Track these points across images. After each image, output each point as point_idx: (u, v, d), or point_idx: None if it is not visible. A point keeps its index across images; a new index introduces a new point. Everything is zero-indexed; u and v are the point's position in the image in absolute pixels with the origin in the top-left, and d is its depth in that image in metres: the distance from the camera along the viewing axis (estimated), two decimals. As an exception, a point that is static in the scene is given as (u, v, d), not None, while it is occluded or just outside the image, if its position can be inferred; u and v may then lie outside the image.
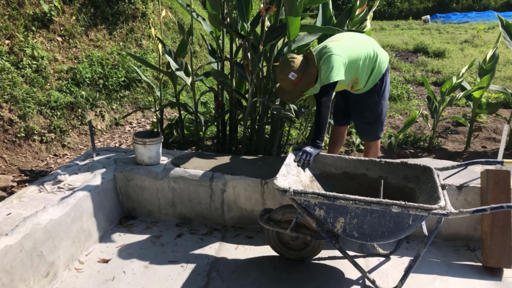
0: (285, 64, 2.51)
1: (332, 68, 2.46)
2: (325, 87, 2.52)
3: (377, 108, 2.83)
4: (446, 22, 15.76)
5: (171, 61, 3.20)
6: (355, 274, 2.35)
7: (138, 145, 2.87)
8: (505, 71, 7.49)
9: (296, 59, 2.50)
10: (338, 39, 2.66)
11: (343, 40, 2.62)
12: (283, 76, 2.51)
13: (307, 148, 2.46)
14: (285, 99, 2.66)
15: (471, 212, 1.94)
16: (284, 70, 2.50)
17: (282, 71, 2.51)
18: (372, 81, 2.71)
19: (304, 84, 2.52)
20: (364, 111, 2.85)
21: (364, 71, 2.64)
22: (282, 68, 2.51)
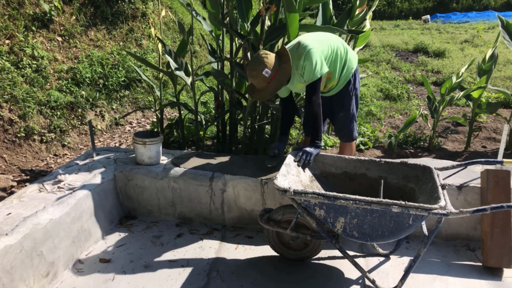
0: (258, 60, 2.41)
1: (316, 63, 2.44)
2: (313, 84, 2.49)
3: (351, 107, 2.82)
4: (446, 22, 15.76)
5: (171, 61, 3.20)
6: (355, 274, 2.35)
7: (138, 145, 2.87)
8: (505, 71, 7.49)
9: (269, 56, 2.42)
10: (309, 35, 2.63)
11: (315, 35, 2.61)
12: (256, 73, 2.40)
13: (307, 148, 2.45)
14: (257, 98, 2.55)
15: (471, 212, 1.94)
16: (257, 66, 2.39)
17: (255, 68, 2.40)
18: (344, 77, 2.70)
19: (278, 81, 2.44)
20: (340, 112, 2.82)
21: (337, 65, 2.63)
22: (254, 64, 2.41)
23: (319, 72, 2.45)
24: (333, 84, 2.72)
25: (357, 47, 3.77)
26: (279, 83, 2.45)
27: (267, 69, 2.39)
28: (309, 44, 2.48)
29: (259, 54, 2.43)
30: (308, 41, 2.51)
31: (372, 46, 10.05)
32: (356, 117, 2.90)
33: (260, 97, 2.52)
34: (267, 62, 2.40)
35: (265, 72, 2.39)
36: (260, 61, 2.40)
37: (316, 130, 2.54)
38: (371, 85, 6.56)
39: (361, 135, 4.41)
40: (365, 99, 5.76)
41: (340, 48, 2.64)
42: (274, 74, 2.42)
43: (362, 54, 9.10)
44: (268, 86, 2.45)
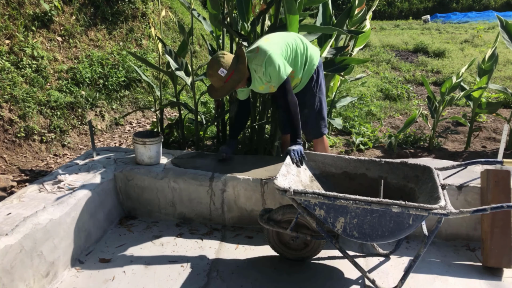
0: (214, 60, 2.47)
1: (279, 66, 2.50)
2: (283, 85, 2.55)
3: (315, 103, 2.84)
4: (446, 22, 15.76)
5: (171, 61, 3.20)
6: (355, 274, 2.35)
7: (138, 145, 2.87)
8: (505, 71, 7.49)
9: (226, 56, 2.49)
10: (267, 38, 2.66)
11: (272, 38, 2.65)
12: (212, 72, 2.47)
13: (292, 147, 2.49)
14: (215, 96, 2.61)
15: (471, 212, 1.94)
16: (214, 66, 2.46)
17: (211, 67, 2.47)
18: (307, 74, 2.74)
19: (234, 81, 2.50)
20: (303, 108, 2.81)
21: (298, 62, 2.68)
22: (211, 64, 2.48)
23: (284, 74, 2.52)
24: (297, 82, 2.77)
25: (357, 47, 3.77)
26: (235, 82, 2.51)
27: (223, 69, 2.46)
28: (268, 49, 2.53)
29: (216, 54, 2.50)
30: (267, 46, 2.56)
31: (372, 46, 10.05)
32: (323, 113, 2.92)
33: (217, 96, 2.59)
34: (223, 62, 2.46)
35: (221, 71, 2.46)
36: (216, 60, 2.46)
37: (295, 128, 2.59)
38: (371, 85, 6.56)
39: (361, 135, 4.42)
40: (365, 99, 5.77)
41: (300, 46, 2.70)
42: (230, 74, 2.48)
43: (362, 54, 9.10)
44: (224, 85, 2.52)
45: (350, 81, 4.53)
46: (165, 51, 3.20)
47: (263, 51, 2.52)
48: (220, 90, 2.55)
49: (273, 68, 2.49)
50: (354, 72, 7.18)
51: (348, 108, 5.30)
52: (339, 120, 4.09)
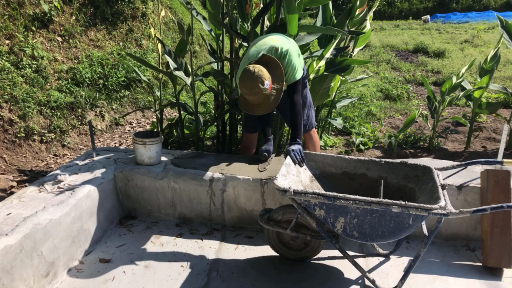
0: (254, 76, 2.32)
1: (296, 66, 2.51)
2: (294, 85, 2.55)
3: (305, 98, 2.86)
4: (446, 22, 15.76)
5: (171, 61, 3.20)
6: (355, 274, 2.35)
7: (138, 145, 2.87)
8: (505, 71, 7.49)
9: (260, 68, 2.36)
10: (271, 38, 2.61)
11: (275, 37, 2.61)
12: (258, 89, 2.33)
13: (292, 147, 2.48)
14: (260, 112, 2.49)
15: (471, 212, 1.94)
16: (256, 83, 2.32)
17: (255, 85, 2.33)
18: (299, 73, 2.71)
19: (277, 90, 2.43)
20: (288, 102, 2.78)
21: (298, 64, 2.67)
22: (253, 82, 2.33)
23: (298, 75, 2.53)
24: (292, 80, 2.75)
25: (357, 47, 3.77)
26: (279, 91, 2.44)
27: (266, 81, 2.34)
28: (286, 47, 2.53)
29: (250, 71, 2.35)
30: (282, 44, 2.54)
31: (372, 46, 10.05)
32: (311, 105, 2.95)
33: (268, 109, 2.47)
34: (263, 74, 2.34)
35: (266, 84, 2.34)
36: (256, 76, 2.33)
37: (297, 128, 2.59)
38: (371, 85, 6.57)
39: (361, 135, 4.42)
40: (365, 99, 5.77)
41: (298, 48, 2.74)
42: (271, 84, 2.40)
43: (362, 54, 9.10)
44: (270, 97, 2.42)
45: (350, 82, 4.53)
46: (165, 51, 3.20)
47: (283, 50, 2.51)
48: (267, 102, 2.42)
49: (291, 66, 2.50)
50: (355, 73, 7.18)
51: (348, 108, 5.30)
52: (339, 120, 4.10)
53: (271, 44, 2.55)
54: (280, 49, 2.52)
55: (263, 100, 2.43)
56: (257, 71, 2.34)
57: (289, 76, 2.54)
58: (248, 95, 2.40)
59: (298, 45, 3.23)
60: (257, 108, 2.48)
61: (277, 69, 2.43)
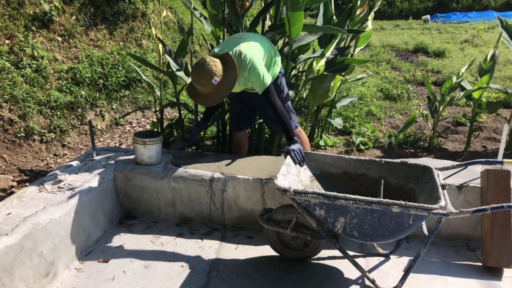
0: (206, 68, 2.41)
1: (262, 75, 2.54)
2: (267, 91, 2.58)
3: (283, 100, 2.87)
4: (446, 22, 15.76)
5: (171, 61, 3.20)
6: (355, 273, 2.35)
7: (138, 145, 2.86)
8: (505, 71, 7.49)
9: (217, 63, 2.44)
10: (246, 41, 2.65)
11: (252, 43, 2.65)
12: (205, 81, 2.42)
13: (292, 147, 2.49)
14: (203, 103, 2.58)
15: (471, 212, 1.94)
16: (206, 75, 2.41)
17: (204, 76, 2.41)
18: (273, 73, 2.78)
19: (225, 88, 2.49)
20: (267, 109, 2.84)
21: (269, 67, 2.74)
22: (203, 72, 2.42)
23: (267, 81, 2.56)
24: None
25: (358, 47, 3.77)
26: (226, 89, 2.50)
27: (216, 77, 2.43)
28: (251, 56, 2.56)
29: (205, 61, 2.43)
30: (249, 51, 2.58)
31: (372, 46, 10.05)
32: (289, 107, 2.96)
33: (206, 103, 2.56)
34: (216, 70, 2.42)
35: (214, 80, 2.43)
36: (208, 68, 2.41)
37: (287, 127, 2.60)
38: (371, 85, 6.56)
39: (361, 135, 4.42)
40: (365, 99, 5.77)
41: (271, 50, 2.77)
42: (221, 80, 2.47)
43: (363, 54, 9.10)
44: (215, 93, 2.50)
45: (350, 81, 4.53)
46: (165, 51, 3.20)
47: (247, 58, 2.55)
48: (209, 97, 2.52)
49: (256, 76, 2.55)
50: (355, 73, 7.18)
51: (348, 108, 5.30)
52: (339, 120, 4.10)
53: (239, 47, 2.60)
54: (244, 56, 2.56)
55: (207, 93, 2.51)
56: (212, 65, 2.42)
57: (254, 83, 2.58)
58: (194, 83, 2.49)
59: (299, 45, 3.24)
60: (200, 98, 2.57)
61: (232, 70, 2.49)
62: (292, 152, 2.46)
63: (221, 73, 2.46)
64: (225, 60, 2.51)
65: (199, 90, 2.53)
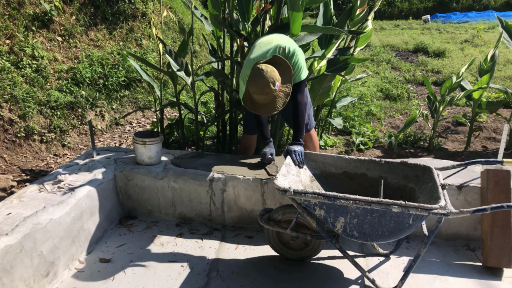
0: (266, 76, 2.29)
1: (303, 66, 2.54)
2: (299, 85, 2.56)
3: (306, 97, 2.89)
4: (446, 22, 15.76)
5: (172, 61, 3.20)
6: (355, 273, 2.35)
7: (138, 145, 2.87)
8: (505, 71, 7.49)
9: (272, 67, 2.34)
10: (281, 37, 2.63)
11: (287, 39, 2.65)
12: (269, 89, 2.30)
13: (293, 148, 2.48)
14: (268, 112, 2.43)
15: (471, 212, 1.94)
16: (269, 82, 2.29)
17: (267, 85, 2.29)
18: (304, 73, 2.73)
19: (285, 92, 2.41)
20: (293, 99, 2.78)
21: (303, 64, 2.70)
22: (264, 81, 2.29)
23: (303, 75, 2.56)
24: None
25: (358, 47, 3.77)
26: (286, 93, 2.41)
27: (277, 82, 2.32)
28: (294, 47, 2.57)
29: (262, 70, 2.31)
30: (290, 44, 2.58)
31: (372, 46, 10.05)
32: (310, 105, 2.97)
33: (271, 111, 2.43)
34: (275, 75, 2.31)
35: (276, 86, 2.32)
36: (268, 76, 2.30)
37: (299, 127, 2.60)
38: (371, 85, 6.56)
39: (361, 135, 4.42)
40: (365, 99, 5.77)
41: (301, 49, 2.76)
42: (280, 84, 2.37)
43: (363, 54, 9.10)
44: (277, 98, 2.38)
45: (350, 81, 4.53)
46: (166, 51, 3.21)
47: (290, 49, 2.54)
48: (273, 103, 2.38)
49: (297, 65, 2.54)
50: (354, 72, 7.18)
51: (348, 108, 5.30)
52: (339, 120, 4.09)
53: (276, 43, 2.54)
54: (288, 49, 2.53)
55: (271, 100, 2.39)
56: (269, 71, 2.31)
57: (295, 76, 2.55)
58: (257, 94, 2.36)
59: (299, 45, 3.24)
60: (263, 108, 2.44)
61: (287, 70, 2.41)
62: (293, 153, 2.45)
63: (279, 77, 2.34)
64: (275, 62, 2.41)
65: (261, 101, 2.39)
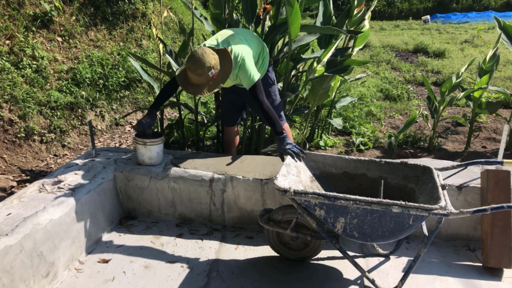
0: (205, 59, 2.40)
1: (250, 73, 2.60)
2: (254, 87, 2.62)
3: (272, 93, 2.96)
4: (446, 22, 15.77)
5: (172, 62, 3.20)
6: (355, 274, 2.35)
7: (138, 145, 2.86)
8: (505, 71, 7.49)
9: (215, 56, 2.46)
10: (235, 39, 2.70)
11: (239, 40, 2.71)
12: (202, 71, 2.41)
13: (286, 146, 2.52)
14: (194, 93, 2.55)
15: (471, 212, 1.94)
16: (204, 65, 2.40)
17: (201, 66, 2.40)
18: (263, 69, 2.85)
19: (218, 81, 2.52)
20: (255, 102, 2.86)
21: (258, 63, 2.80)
22: (201, 62, 2.40)
23: (254, 78, 2.61)
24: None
25: (356, 47, 3.77)
26: (218, 83, 2.53)
27: (213, 70, 2.44)
28: (242, 54, 2.62)
29: (205, 53, 2.42)
30: (240, 49, 2.64)
31: (372, 46, 10.05)
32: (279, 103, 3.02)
33: (197, 93, 2.54)
34: (215, 63, 2.44)
35: (211, 72, 2.44)
36: (208, 60, 2.41)
37: (273, 122, 2.62)
38: (371, 85, 6.56)
39: (361, 136, 4.42)
40: (365, 100, 5.77)
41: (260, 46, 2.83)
42: (216, 73, 2.49)
43: (362, 54, 9.10)
44: (207, 84, 2.50)
45: (350, 82, 4.53)
46: (166, 51, 3.21)
47: (238, 55, 2.61)
48: (202, 88, 2.52)
49: (244, 73, 2.60)
50: (354, 73, 7.18)
51: (348, 108, 5.30)
52: (339, 120, 4.10)
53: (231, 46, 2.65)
54: (235, 54, 2.62)
55: (200, 83, 2.50)
56: (212, 57, 2.43)
57: (242, 80, 2.64)
58: (190, 71, 2.46)
59: (298, 45, 3.24)
60: (191, 88, 2.54)
61: (227, 65, 2.52)
62: (288, 150, 2.47)
63: (218, 67, 2.48)
64: (222, 54, 2.53)
65: (192, 79, 2.51)
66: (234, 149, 3.37)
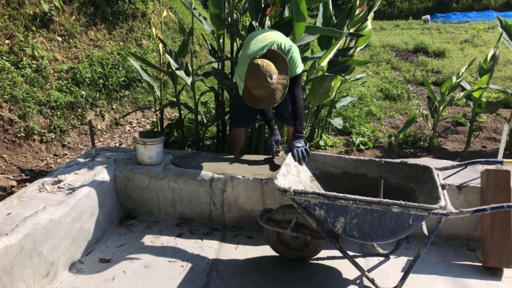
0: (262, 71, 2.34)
1: (298, 61, 2.60)
2: (295, 79, 2.62)
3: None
4: (446, 22, 15.76)
5: (172, 61, 3.20)
6: (354, 273, 2.35)
7: (138, 145, 2.86)
8: (505, 71, 7.49)
9: (268, 61, 2.39)
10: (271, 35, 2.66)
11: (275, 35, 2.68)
12: (266, 83, 2.35)
13: (296, 144, 2.54)
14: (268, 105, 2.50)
15: (471, 212, 1.94)
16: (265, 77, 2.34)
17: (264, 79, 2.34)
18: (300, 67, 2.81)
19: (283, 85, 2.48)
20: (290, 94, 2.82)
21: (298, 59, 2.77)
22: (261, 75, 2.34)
23: (298, 70, 2.61)
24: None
25: (358, 47, 3.77)
26: (284, 85, 2.48)
27: (274, 75, 2.38)
28: (290, 43, 2.63)
29: (258, 65, 2.36)
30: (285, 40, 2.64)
31: (372, 46, 10.05)
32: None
33: (271, 104, 2.49)
34: (271, 68, 2.37)
35: (273, 79, 2.38)
36: (265, 70, 2.35)
37: (299, 119, 2.66)
38: (371, 85, 6.56)
39: (361, 135, 4.42)
40: (365, 99, 5.77)
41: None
42: (277, 78, 2.43)
43: (363, 54, 9.10)
44: (276, 91, 2.45)
45: (350, 81, 4.53)
46: (166, 51, 3.21)
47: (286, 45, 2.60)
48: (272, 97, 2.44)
49: (292, 60, 2.59)
50: (354, 72, 7.18)
51: (348, 108, 5.30)
52: (339, 120, 4.09)
53: (271, 40, 2.60)
54: (283, 45, 2.60)
55: (269, 94, 2.46)
56: (265, 65, 2.37)
57: (291, 70, 2.62)
58: (255, 89, 2.43)
59: (298, 45, 3.24)
60: (263, 102, 2.51)
61: (283, 63, 2.49)
62: (294, 149, 2.48)
63: (275, 70, 2.41)
64: (270, 56, 2.48)
65: (260, 95, 2.45)
66: (238, 151, 3.30)
